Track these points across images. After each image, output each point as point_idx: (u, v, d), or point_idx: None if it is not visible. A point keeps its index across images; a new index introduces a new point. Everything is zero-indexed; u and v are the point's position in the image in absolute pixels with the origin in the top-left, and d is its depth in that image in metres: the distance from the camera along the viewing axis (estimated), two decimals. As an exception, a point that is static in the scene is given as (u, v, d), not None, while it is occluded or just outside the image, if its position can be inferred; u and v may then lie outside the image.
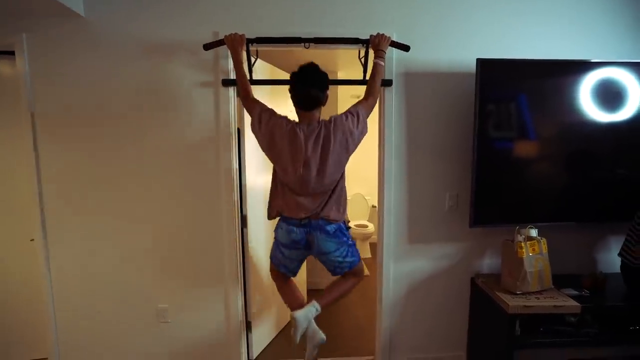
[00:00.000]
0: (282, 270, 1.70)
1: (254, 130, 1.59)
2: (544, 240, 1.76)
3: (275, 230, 1.66)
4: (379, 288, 2.01)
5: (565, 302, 1.65)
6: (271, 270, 1.77)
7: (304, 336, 1.57)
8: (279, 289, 1.76)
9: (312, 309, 1.58)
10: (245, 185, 2.01)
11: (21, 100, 1.79)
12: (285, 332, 2.54)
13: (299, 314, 1.56)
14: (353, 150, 1.56)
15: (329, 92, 1.56)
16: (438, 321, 2.05)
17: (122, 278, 1.94)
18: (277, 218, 1.66)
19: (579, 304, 1.63)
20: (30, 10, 1.69)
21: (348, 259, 1.63)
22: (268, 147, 1.55)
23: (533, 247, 1.72)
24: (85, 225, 1.90)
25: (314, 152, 1.49)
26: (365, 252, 4.19)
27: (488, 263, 2.02)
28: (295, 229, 1.57)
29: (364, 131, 1.57)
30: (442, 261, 2.01)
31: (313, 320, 1.59)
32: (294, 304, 1.68)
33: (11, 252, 2.05)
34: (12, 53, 1.79)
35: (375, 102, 1.65)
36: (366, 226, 4.11)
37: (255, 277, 2.14)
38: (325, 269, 1.68)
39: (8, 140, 1.98)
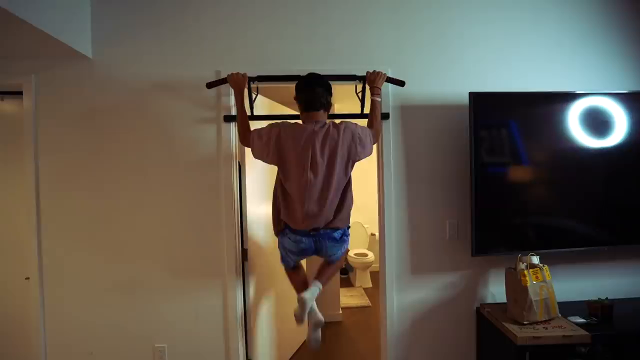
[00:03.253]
0: (289, 263, 1.75)
1: (257, 156, 1.60)
2: (546, 267, 1.75)
3: (281, 238, 1.66)
4: (383, 320, 1.97)
5: (575, 331, 1.62)
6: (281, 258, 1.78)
7: (308, 315, 1.67)
8: (287, 274, 1.81)
9: (315, 289, 1.69)
10: (247, 219, 2.01)
11: (25, 139, 1.82)
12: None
13: (306, 294, 1.65)
14: (357, 158, 1.58)
15: (332, 99, 1.61)
16: (445, 353, 1.98)
17: (118, 316, 1.88)
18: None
19: (589, 334, 1.60)
20: (39, 52, 1.76)
21: (343, 250, 1.71)
22: (276, 153, 1.53)
23: (536, 275, 1.71)
24: (82, 264, 1.86)
25: (322, 152, 1.50)
26: (365, 281, 4.13)
27: (492, 291, 2.00)
28: (304, 239, 1.59)
29: (368, 146, 1.62)
30: (446, 291, 1.98)
31: (315, 302, 1.69)
32: (301, 288, 1.75)
33: (5, 291, 1.99)
34: (20, 93, 1.84)
35: (379, 136, 1.73)
36: (366, 255, 4.07)
37: (256, 315, 2.09)
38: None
39: (10, 178, 1.98)
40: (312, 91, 1.54)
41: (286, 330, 2.52)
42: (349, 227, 1.69)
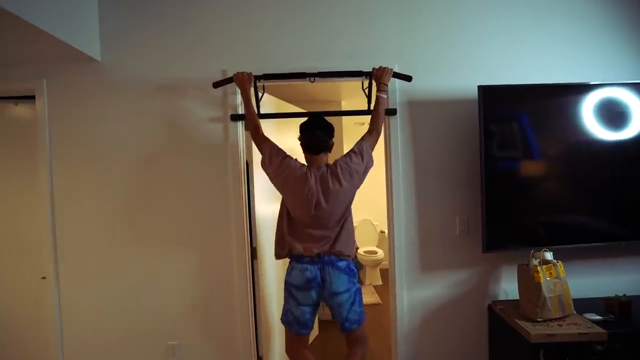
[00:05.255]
0: (295, 329, 1.63)
1: (264, 168, 1.66)
2: (560, 264, 1.71)
3: (287, 275, 1.65)
4: (393, 318, 1.95)
5: (591, 329, 1.58)
6: (286, 339, 1.69)
7: None
8: (291, 354, 1.69)
9: None
10: (255, 217, 2.02)
11: (39, 142, 1.86)
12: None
13: None
14: (360, 185, 1.65)
15: (334, 140, 1.67)
16: (457, 351, 1.96)
17: (132, 314, 1.91)
18: (286, 259, 1.68)
19: (605, 331, 1.56)
20: (50, 56, 1.80)
21: (356, 308, 1.63)
22: (282, 187, 1.64)
23: (550, 271, 1.67)
24: (96, 263, 1.90)
25: (325, 194, 1.57)
26: (376, 279, 4.11)
27: (504, 288, 1.96)
28: (309, 266, 1.59)
29: (369, 165, 1.66)
30: (457, 288, 1.96)
31: None
32: None
33: (22, 290, 2.05)
34: (32, 97, 1.88)
35: (379, 136, 1.72)
36: (375, 252, 4.05)
37: (265, 312, 2.10)
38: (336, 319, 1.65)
39: (25, 180, 2.03)
40: (313, 135, 1.60)
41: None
42: (355, 263, 1.70)
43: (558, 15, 1.94)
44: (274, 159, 1.62)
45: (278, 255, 1.68)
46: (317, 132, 1.61)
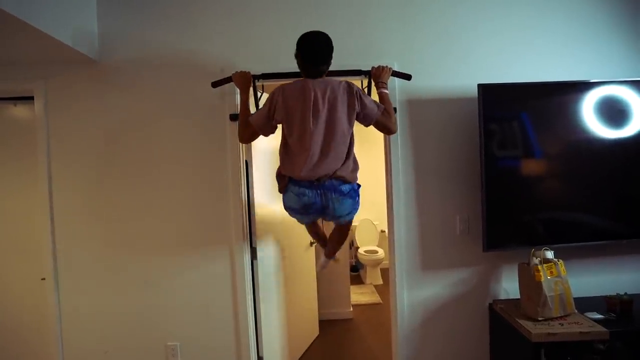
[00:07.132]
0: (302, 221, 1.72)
1: (264, 126, 1.55)
2: (561, 262, 1.71)
3: (284, 196, 1.56)
4: (394, 317, 1.95)
5: (592, 327, 1.57)
6: None
7: None
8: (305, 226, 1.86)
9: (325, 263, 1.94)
10: (255, 217, 2.01)
11: (37, 143, 1.86)
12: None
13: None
14: (354, 115, 1.51)
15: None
16: (457, 351, 1.96)
17: (131, 316, 1.91)
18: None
19: (606, 330, 1.55)
20: (49, 57, 1.79)
21: (354, 210, 1.59)
22: (281, 106, 1.50)
23: (551, 270, 1.67)
24: (95, 263, 1.90)
25: (323, 100, 1.47)
26: (376, 278, 4.11)
27: (505, 287, 1.96)
28: (307, 191, 1.47)
29: (370, 104, 1.53)
30: (458, 287, 1.95)
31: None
32: (319, 241, 1.93)
33: (22, 291, 2.05)
34: (31, 98, 1.88)
35: (394, 120, 1.60)
36: (376, 252, 4.04)
37: (266, 312, 2.09)
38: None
39: (24, 181, 2.03)
40: (313, 65, 1.51)
41: (297, 329, 2.53)
42: (359, 186, 1.58)
43: (557, 13, 1.94)
44: (265, 106, 1.54)
45: (281, 189, 1.58)
46: (322, 66, 1.51)
